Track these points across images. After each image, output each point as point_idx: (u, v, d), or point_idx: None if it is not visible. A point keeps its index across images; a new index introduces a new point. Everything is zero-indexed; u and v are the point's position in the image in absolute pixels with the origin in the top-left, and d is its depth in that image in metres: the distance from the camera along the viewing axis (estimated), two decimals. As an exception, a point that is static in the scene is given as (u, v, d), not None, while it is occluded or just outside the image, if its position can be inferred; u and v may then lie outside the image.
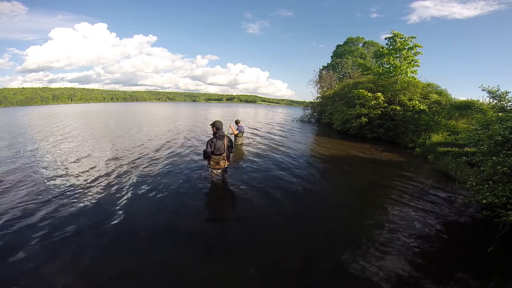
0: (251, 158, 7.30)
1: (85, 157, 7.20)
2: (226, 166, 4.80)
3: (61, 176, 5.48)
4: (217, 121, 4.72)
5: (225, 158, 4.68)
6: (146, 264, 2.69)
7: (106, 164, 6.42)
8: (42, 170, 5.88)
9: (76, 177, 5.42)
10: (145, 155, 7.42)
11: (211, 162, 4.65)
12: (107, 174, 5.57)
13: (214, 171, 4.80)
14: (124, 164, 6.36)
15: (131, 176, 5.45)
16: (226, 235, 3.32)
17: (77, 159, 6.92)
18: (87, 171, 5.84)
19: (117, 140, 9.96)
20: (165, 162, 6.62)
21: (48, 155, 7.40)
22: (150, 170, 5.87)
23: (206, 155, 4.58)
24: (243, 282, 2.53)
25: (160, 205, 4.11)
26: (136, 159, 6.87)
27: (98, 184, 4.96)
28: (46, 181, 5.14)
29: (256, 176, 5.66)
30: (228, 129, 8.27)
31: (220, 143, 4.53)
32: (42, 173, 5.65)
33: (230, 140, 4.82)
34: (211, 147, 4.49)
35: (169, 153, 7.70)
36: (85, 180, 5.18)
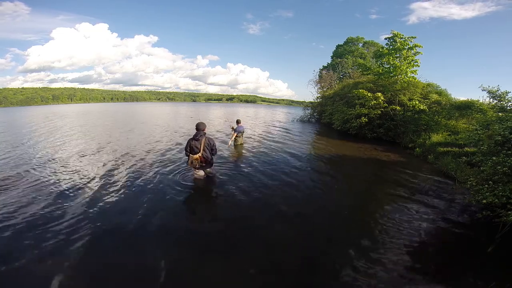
0: (250, 157, 7.30)
1: (84, 156, 7.20)
2: (199, 165, 4.88)
3: (60, 175, 5.48)
4: (198, 122, 5.00)
5: (199, 157, 4.80)
6: (145, 264, 2.69)
7: (104, 163, 6.41)
8: (41, 168, 5.89)
9: (74, 176, 5.42)
10: (144, 155, 7.42)
11: (188, 161, 4.95)
12: (105, 174, 5.57)
13: (194, 170, 5.13)
14: (122, 164, 6.36)
15: (129, 176, 5.45)
16: (225, 235, 3.32)
17: (76, 159, 6.92)
18: (86, 170, 5.84)
19: (115, 140, 9.95)
20: (165, 162, 6.61)
21: (51, 152, 7.41)
22: (149, 170, 5.86)
23: (186, 154, 4.97)
24: (243, 282, 2.53)
25: (159, 205, 4.10)
26: (134, 159, 6.87)
27: (95, 184, 4.95)
28: (45, 179, 5.14)
29: (256, 176, 5.66)
30: (230, 131, 8.75)
31: (195, 143, 4.83)
32: (42, 172, 5.65)
33: (209, 144, 4.89)
34: (187, 147, 4.89)
35: (169, 153, 7.70)
36: (84, 179, 5.18)
